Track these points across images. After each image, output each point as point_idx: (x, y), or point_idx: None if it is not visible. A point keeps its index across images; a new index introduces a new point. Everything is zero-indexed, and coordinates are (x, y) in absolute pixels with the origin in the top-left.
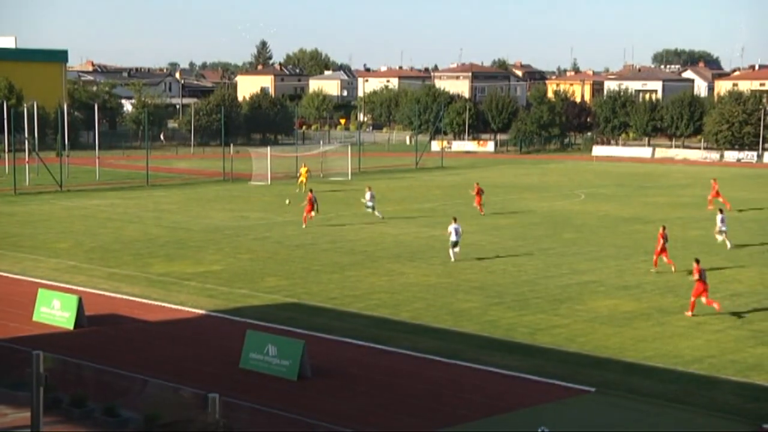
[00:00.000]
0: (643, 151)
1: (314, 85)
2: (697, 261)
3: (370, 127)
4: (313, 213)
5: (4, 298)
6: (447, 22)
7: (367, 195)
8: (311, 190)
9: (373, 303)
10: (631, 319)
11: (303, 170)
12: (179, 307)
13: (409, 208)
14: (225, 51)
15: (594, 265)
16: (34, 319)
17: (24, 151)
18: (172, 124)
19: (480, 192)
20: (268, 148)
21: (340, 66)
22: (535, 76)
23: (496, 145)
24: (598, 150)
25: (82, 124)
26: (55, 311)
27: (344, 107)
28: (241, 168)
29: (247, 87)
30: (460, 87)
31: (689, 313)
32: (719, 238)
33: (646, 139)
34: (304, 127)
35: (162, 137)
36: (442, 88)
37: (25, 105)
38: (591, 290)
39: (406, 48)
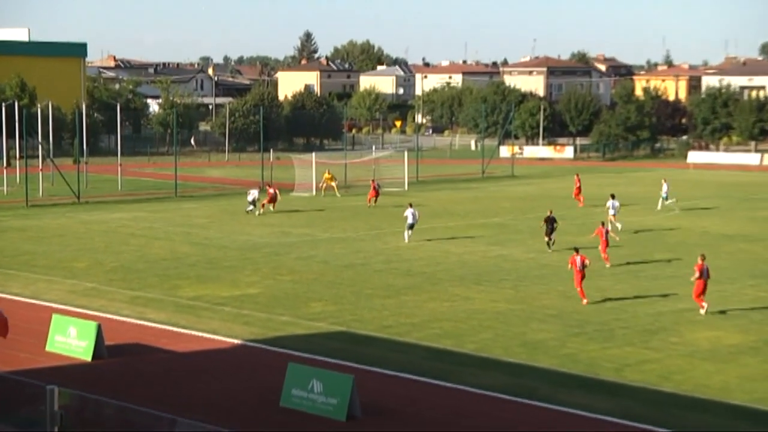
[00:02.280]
0: (749, 158)
1: (365, 82)
2: (703, 257)
3: (430, 130)
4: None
5: (15, 324)
6: (518, 10)
7: (408, 213)
8: (269, 184)
9: (433, 332)
10: (736, 354)
11: (326, 176)
12: (212, 336)
13: (475, 223)
14: (264, 43)
15: (692, 290)
16: (48, 348)
17: (37, 157)
18: (203, 126)
19: (579, 187)
20: (313, 154)
21: (395, 60)
22: (621, 71)
23: (575, 150)
24: (695, 156)
25: (102, 126)
26: (71, 340)
27: (400, 107)
28: (282, 177)
29: (289, 84)
30: (534, 84)
31: (702, 310)
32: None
33: (753, 143)
34: (353, 130)
35: (192, 142)
36: (512, 85)
37: (38, 105)
38: (688, 319)
39: (471, 39)
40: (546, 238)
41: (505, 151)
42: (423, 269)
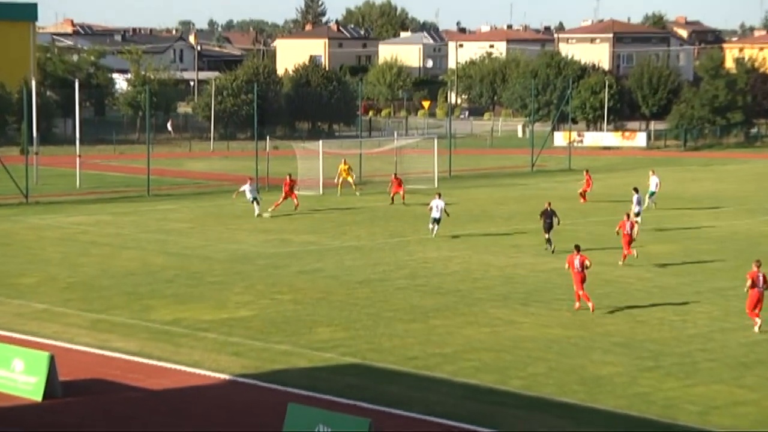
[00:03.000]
0: None
1: (386, 52)
2: (758, 264)
3: (466, 113)
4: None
5: None
6: None
7: (434, 204)
8: (290, 175)
9: (469, 365)
10: None
11: (342, 167)
12: (193, 370)
13: (521, 228)
14: (258, 5)
15: None
16: None
17: None
18: (184, 108)
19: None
20: (320, 142)
21: (423, 26)
22: (707, 38)
23: (648, 137)
24: None
25: (57, 108)
26: (17, 375)
27: (429, 84)
28: (281, 171)
29: (291, 55)
30: (597, 54)
31: (756, 327)
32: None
33: None
34: (371, 113)
35: (170, 127)
36: (569, 56)
37: None
38: None
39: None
40: (545, 235)
41: (560, 138)
42: (457, 286)
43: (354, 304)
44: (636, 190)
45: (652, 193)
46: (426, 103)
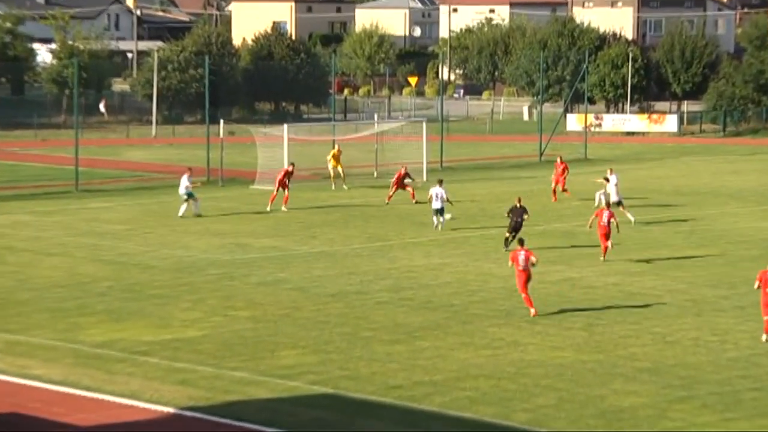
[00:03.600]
0: None
1: (365, 18)
2: None
3: (461, 91)
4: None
5: None
6: None
7: (433, 193)
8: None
9: (464, 395)
10: None
11: (332, 154)
12: (130, 402)
13: (528, 230)
14: None
15: None
16: None
17: None
18: (120, 85)
19: (565, 172)
20: (285, 127)
21: None
22: (751, 1)
23: (680, 121)
24: None
25: None
26: None
27: (416, 56)
28: (237, 161)
29: (250, 22)
30: (618, 20)
31: (765, 336)
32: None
33: None
34: (346, 91)
35: (103, 108)
36: (585, 23)
37: None
38: None
39: None
40: (507, 235)
41: (574, 121)
42: (450, 300)
43: (325, 322)
44: (610, 170)
45: (610, 198)
46: (413, 80)
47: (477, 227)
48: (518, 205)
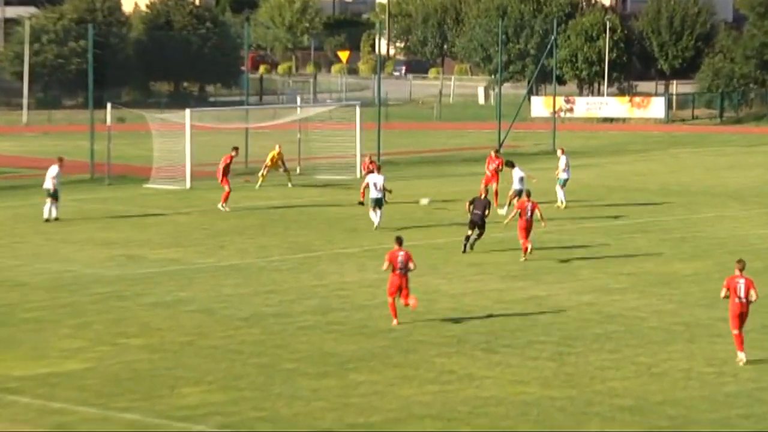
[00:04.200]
0: None
1: None
2: (741, 266)
3: (402, 69)
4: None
5: None
6: None
7: (371, 181)
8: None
9: None
10: None
11: (272, 154)
12: None
13: (484, 238)
14: None
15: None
16: None
17: None
18: None
19: (500, 167)
20: (187, 112)
21: None
22: None
23: (668, 104)
24: None
25: None
26: None
27: (347, 26)
28: (128, 154)
29: None
30: None
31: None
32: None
33: None
34: (262, 69)
35: None
36: None
37: None
38: None
39: None
40: (469, 232)
41: (540, 106)
42: (389, 324)
43: (237, 352)
44: (563, 150)
45: (564, 181)
46: (344, 55)
47: (422, 233)
48: (482, 196)
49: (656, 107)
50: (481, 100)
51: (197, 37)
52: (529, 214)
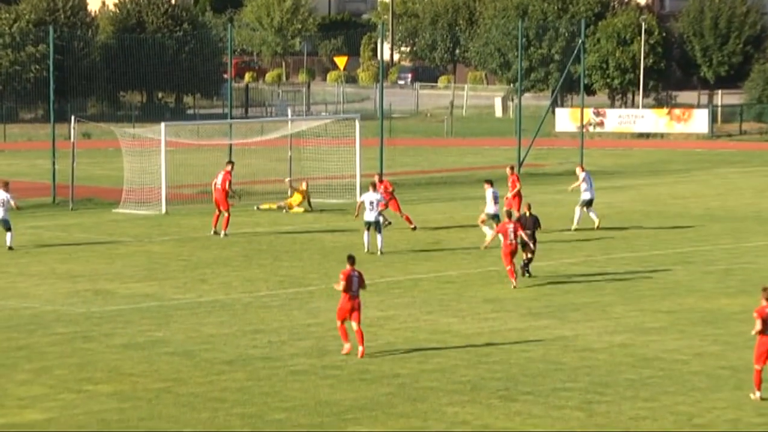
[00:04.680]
0: None
1: None
2: None
3: (408, 77)
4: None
5: None
6: None
7: (366, 199)
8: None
9: None
10: None
11: (296, 197)
12: None
13: (502, 270)
14: None
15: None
16: None
17: None
18: None
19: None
20: (162, 126)
21: None
22: None
23: (712, 117)
24: None
25: None
26: None
27: (345, 27)
28: (95, 174)
29: None
30: None
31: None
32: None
33: None
34: (248, 77)
35: None
36: None
37: None
38: None
39: None
40: (523, 256)
41: (566, 119)
42: (394, 368)
43: (220, 400)
44: (582, 168)
45: (586, 202)
46: (341, 61)
47: (432, 265)
48: (528, 213)
49: (699, 121)
50: (499, 113)
51: (173, 41)
52: (512, 236)
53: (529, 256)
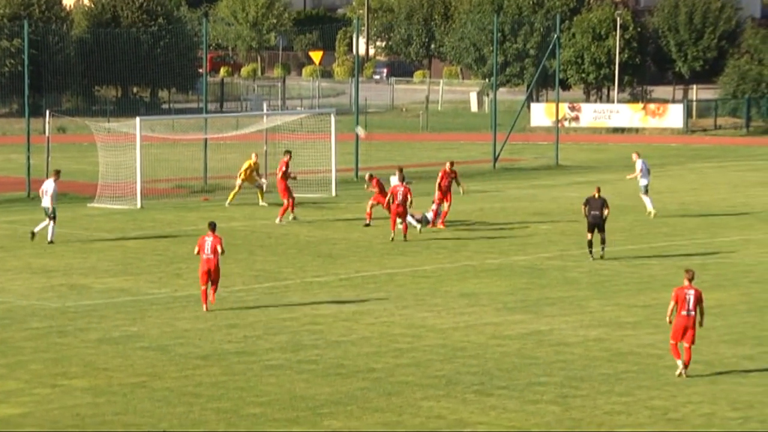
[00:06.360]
0: None
1: None
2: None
3: (383, 71)
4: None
5: None
6: None
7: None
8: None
9: None
10: None
11: (246, 165)
12: None
13: (476, 264)
14: None
15: None
16: None
17: None
18: None
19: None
20: (137, 121)
21: None
22: None
23: (687, 112)
24: None
25: None
26: None
27: (320, 22)
28: (70, 169)
29: None
30: None
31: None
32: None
33: None
34: (223, 71)
35: None
36: None
37: None
38: None
39: None
40: (589, 236)
41: (541, 114)
42: (369, 363)
43: (195, 395)
44: (638, 154)
45: (644, 187)
46: (316, 55)
47: (406, 259)
48: (596, 195)
49: (674, 116)
50: (474, 108)
51: (148, 36)
52: (400, 198)
53: (602, 237)
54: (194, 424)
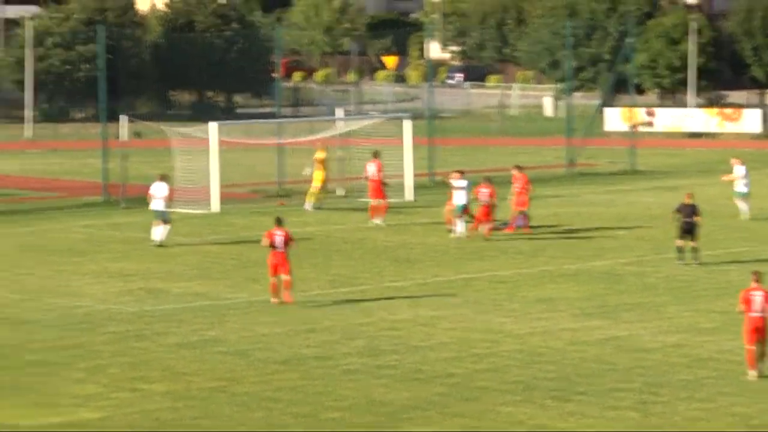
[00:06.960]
0: None
1: None
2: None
3: (457, 75)
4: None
5: None
6: None
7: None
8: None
9: None
10: None
11: (319, 156)
12: None
13: (553, 270)
14: None
15: None
16: None
17: None
18: None
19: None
20: (212, 125)
21: None
22: None
23: (765, 117)
24: None
25: None
26: None
27: (394, 26)
28: (146, 174)
29: None
30: None
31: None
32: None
33: None
34: (297, 76)
35: None
36: None
37: None
38: None
39: None
40: (679, 242)
41: (615, 118)
42: (448, 367)
43: (274, 400)
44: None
45: (744, 194)
46: (390, 60)
47: (485, 265)
48: (687, 201)
49: (750, 120)
50: (548, 112)
51: (222, 41)
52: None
53: (693, 245)
54: (274, 428)
